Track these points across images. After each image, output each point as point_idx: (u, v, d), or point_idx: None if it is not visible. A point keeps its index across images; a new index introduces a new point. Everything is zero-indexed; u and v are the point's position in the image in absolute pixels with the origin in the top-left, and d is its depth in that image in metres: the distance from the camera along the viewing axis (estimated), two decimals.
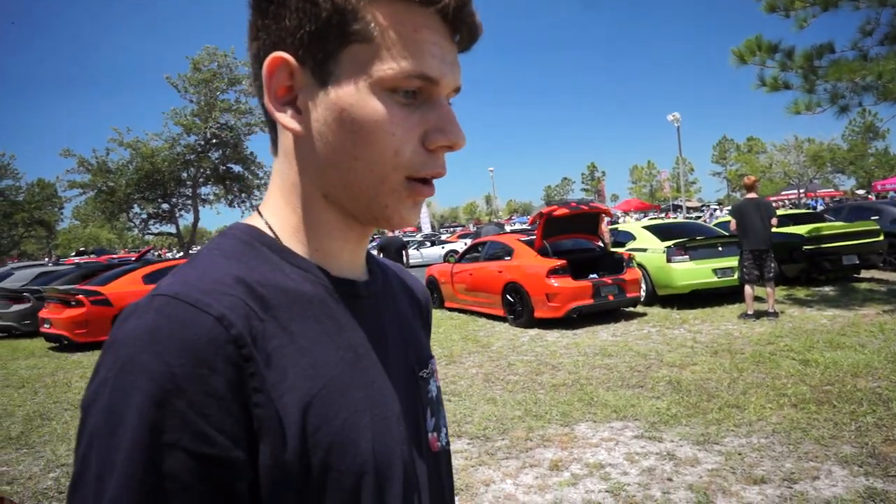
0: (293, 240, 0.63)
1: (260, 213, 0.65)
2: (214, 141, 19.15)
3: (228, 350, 0.51)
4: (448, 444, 0.76)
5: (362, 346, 0.63)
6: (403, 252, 11.67)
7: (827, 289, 9.93)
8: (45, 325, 10.18)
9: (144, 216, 20.38)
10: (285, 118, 0.59)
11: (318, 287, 0.61)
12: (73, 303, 9.91)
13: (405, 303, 0.79)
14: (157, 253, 36.51)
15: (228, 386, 0.50)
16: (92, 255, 33.78)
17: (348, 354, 0.60)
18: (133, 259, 16.27)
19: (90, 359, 8.91)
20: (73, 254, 43.07)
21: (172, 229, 20.88)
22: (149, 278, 10.72)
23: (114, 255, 32.65)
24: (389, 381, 0.65)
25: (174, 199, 20.08)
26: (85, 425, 0.50)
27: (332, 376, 0.58)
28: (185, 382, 0.48)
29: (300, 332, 0.57)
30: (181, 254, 22.60)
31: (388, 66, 0.56)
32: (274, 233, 0.63)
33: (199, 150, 19.15)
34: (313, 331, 0.58)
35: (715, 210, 38.64)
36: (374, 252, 11.24)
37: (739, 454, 3.76)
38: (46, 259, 32.48)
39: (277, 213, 0.64)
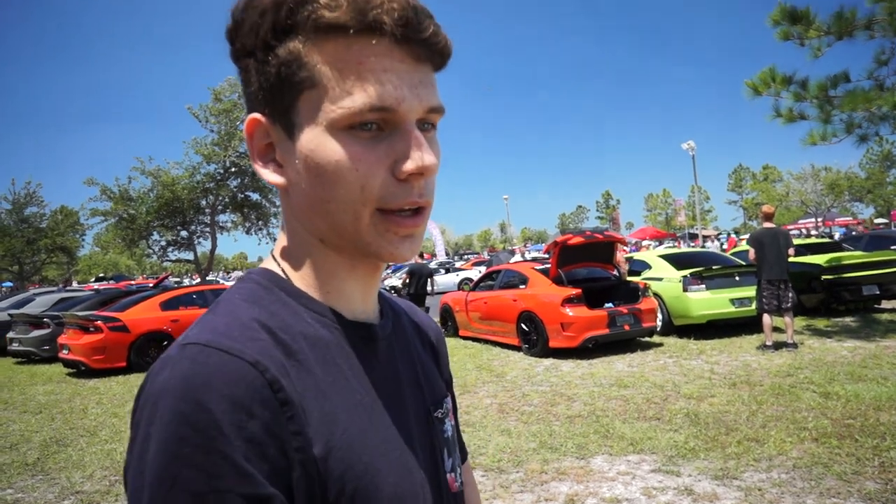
0: (305, 283, 0.64)
1: (274, 257, 0.67)
2: (233, 169, 19.44)
3: (265, 394, 0.52)
4: (462, 484, 0.76)
5: (379, 389, 0.64)
6: (430, 279, 11.69)
7: (847, 319, 9.76)
8: (64, 351, 10.30)
9: (163, 243, 20.65)
10: (268, 174, 0.62)
11: (334, 332, 0.62)
12: (92, 329, 10.03)
13: (417, 341, 0.79)
14: (175, 280, 36.90)
15: (266, 430, 0.51)
16: (111, 281, 34.21)
17: (366, 399, 0.61)
18: (151, 286, 16.47)
19: (106, 385, 8.97)
20: (93, 279, 43.67)
21: (190, 256, 21.12)
22: (166, 305, 10.84)
23: (132, 282, 33.09)
24: (407, 424, 0.65)
25: (193, 227, 20.35)
26: (136, 482, 0.50)
27: (352, 421, 0.58)
28: (228, 429, 0.49)
29: (321, 377, 0.58)
30: (198, 280, 22.82)
31: (338, 106, 0.56)
32: (288, 277, 0.64)
33: (219, 178, 19.45)
34: (332, 376, 0.59)
35: (726, 238, 38.32)
36: (405, 277, 11.16)
37: (759, 490, 3.68)
38: (60, 285, 32.84)
39: (287, 259, 0.66)
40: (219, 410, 0.49)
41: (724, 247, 26.76)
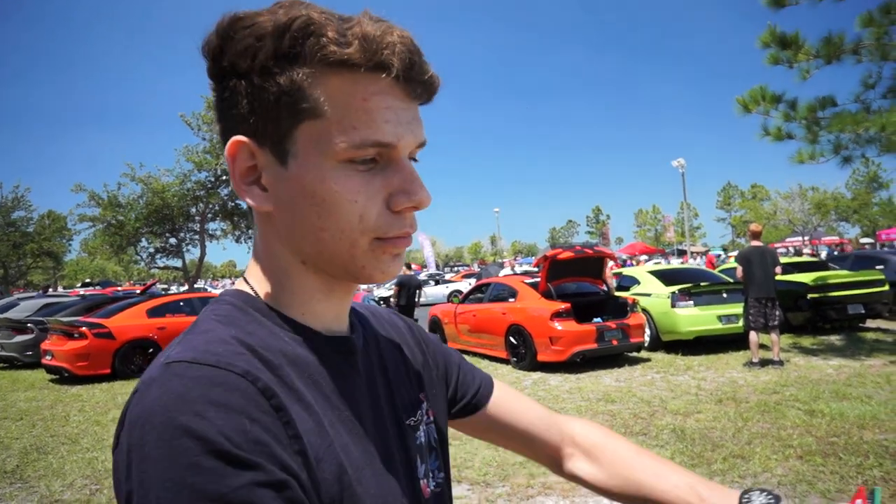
0: (279, 305, 0.64)
1: (246, 279, 0.67)
2: (224, 178, 19.42)
3: (259, 401, 0.51)
4: (439, 486, 0.76)
5: (358, 403, 0.64)
6: (418, 291, 11.71)
7: (833, 338, 9.85)
8: (47, 357, 10.16)
9: (152, 250, 20.55)
10: (251, 198, 0.62)
11: (309, 349, 0.62)
12: (76, 335, 9.91)
13: (388, 346, 0.78)
14: (162, 287, 36.57)
15: (268, 432, 0.50)
16: (97, 287, 33.88)
17: (344, 413, 0.62)
18: (138, 292, 16.32)
19: (89, 392, 8.86)
20: (79, 285, 43.23)
21: (178, 263, 21.00)
22: (153, 312, 10.74)
23: (118, 287, 32.78)
24: (385, 436, 0.67)
25: (182, 234, 20.28)
26: (136, 497, 0.47)
27: (336, 436, 0.59)
28: (234, 434, 0.48)
29: (303, 392, 0.58)
30: (185, 287, 22.66)
31: (342, 139, 0.57)
32: (262, 298, 0.64)
33: (209, 186, 19.43)
34: (311, 392, 0.59)
35: (720, 255, 38.60)
36: (393, 288, 11.15)
37: None
38: (41, 290, 32.38)
39: (261, 281, 0.65)
40: (218, 418, 0.48)
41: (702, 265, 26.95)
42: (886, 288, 10.43)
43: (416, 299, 11.66)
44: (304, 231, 0.60)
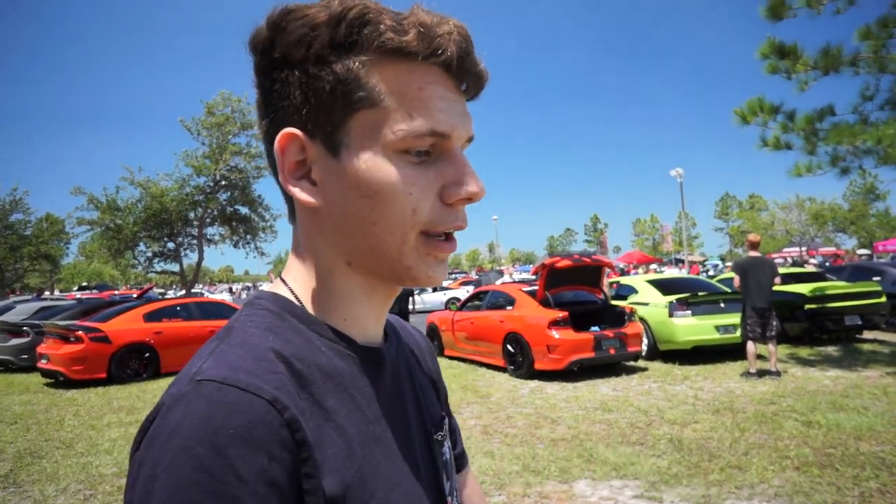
0: (320, 309, 0.62)
1: (284, 280, 0.65)
2: (223, 183, 19.45)
3: (283, 435, 0.50)
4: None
5: (389, 418, 0.63)
6: (411, 298, 11.71)
7: (830, 349, 9.85)
8: (43, 361, 10.12)
9: (149, 254, 20.51)
10: (300, 193, 0.60)
11: (347, 360, 0.61)
12: (72, 339, 9.87)
13: (414, 360, 0.78)
14: (159, 291, 36.50)
15: (285, 473, 0.49)
16: (94, 291, 33.80)
17: (377, 429, 0.60)
18: (134, 296, 16.29)
19: (85, 396, 8.82)
20: (76, 288, 43.12)
21: (176, 268, 20.97)
22: (150, 316, 10.71)
23: (115, 291, 32.68)
24: (414, 452, 0.65)
25: (180, 239, 20.25)
26: None
27: (365, 455, 0.57)
28: (247, 474, 0.46)
29: (334, 409, 0.57)
30: (183, 292, 22.61)
31: (398, 128, 0.56)
32: (300, 302, 0.62)
33: (208, 191, 19.43)
34: (347, 408, 0.58)
35: (717, 265, 38.66)
36: None
37: None
38: (35, 294, 32.18)
39: (301, 283, 0.64)
40: (237, 455, 0.46)
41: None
42: (883, 299, 10.45)
43: (410, 307, 11.66)
44: (354, 226, 0.59)
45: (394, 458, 0.61)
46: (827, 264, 25.41)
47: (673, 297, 9.52)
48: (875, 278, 11.95)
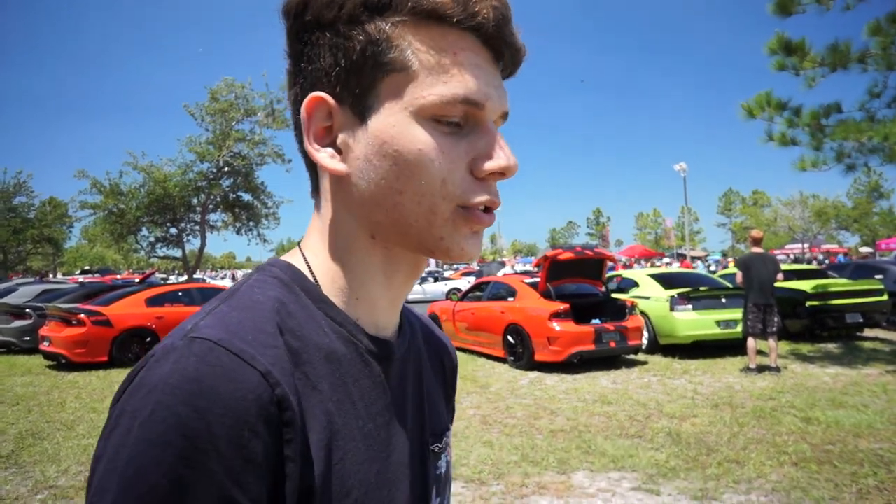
0: (333, 287, 0.60)
1: (302, 252, 0.62)
2: (227, 169, 19.40)
3: (271, 412, 0.47)
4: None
5: (383, 415, 0.59)
6: None
7: (830, 346, 9.86)
8: (45, 343, 10.16)
9: (152, 239, 20.51)
10: (326, 159, 0.57)
11: (350, 346, 0.58)
12: (74, 322, 9.91)
13: (429, 365, 0.73)
14: (161, 277, 36.57)
15: (266, 452, 0.46)
16: (96, 275, 33.89)
17: (368, 425, 0.57)
18: (136, 281, 16.32)
19: (86, 379, 8.86)
20: (78, 272, 43.23)
21: (178, 253, 20.99)
22: (152, 301, 10.74)
23: (117, 276, 32.77)
24: (403, 458, 0.61)
25: (182, 224, 20.24)
26: (100, 476, 0.44)
27: (349, 450, 0.54)
28: (225, 445, 0.44)
29: (328, 394, 0.54)
30: (185, 278, 22.66)
31: (429, 93, 0.53)
32: (314, 276, 0.60)
33: (211, 177, 19.39)
34: (339, 396, 0.55)
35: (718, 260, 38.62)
36: None
37: None
38: (38, 277, 32.16)
39: (319, 255, 0.61)
40: (218, 423, 0.44)
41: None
42: (885, 298, 10.44)
43: None
44: (381, 195, 0.56)
45: (379, 460, 0.58)
46: (826, 262, 25.37)
47: (674, 292, 9.53)
48: (877, 276, 11.93)
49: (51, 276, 39.07)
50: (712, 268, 31.69)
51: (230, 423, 0.44)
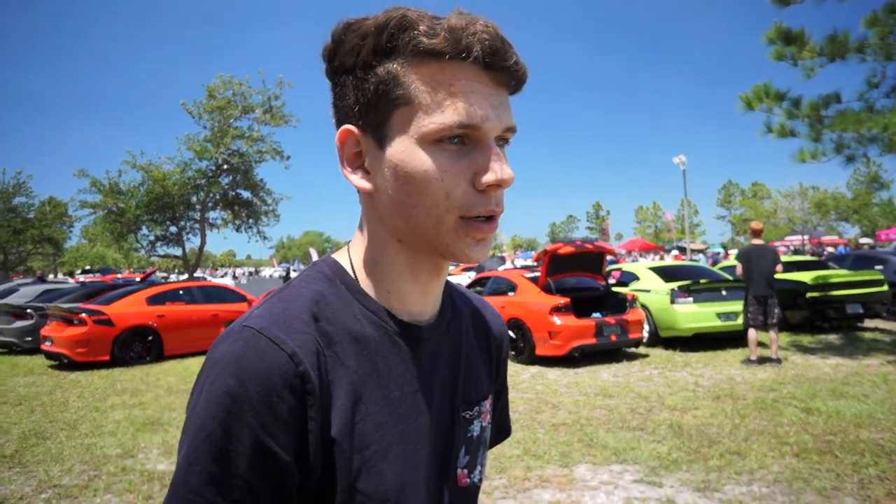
0: (368, 281, 0.72)
1: (348, 251, 0.76)
2: (225, 167, 19.36)
3: (295, 383, 0.62)
4: (480, 480, 0.82)
5: (409, 386, 0.71)
6: None
7: (831, 337, 9.87)
8: (47, 343, 10.18)
9: (152, 238, 20.50)
10: (356, 180, 0.70)
11: (380, 330, 0.70)
12: (76, 321, 9.92)
13: (473, 342, 0.84)
14: (162, 276, 36.57)
15: (290, 412, 0.61)
16: (97, 275, 33.88)
17: (394, 393, 0.69)
18: (137, 280, 16.31)
19: (88, 378, 8.88)
20: (79, 272, 43.22)
21: (178, 252, 20.98)
22: (153, 300, 10.75)
23: (118, 275, 32.74)
24: (427, 421, 0.72)
25: (182, 223, 20.23)
26: (186, 425, 0.63)
27: (371, 412, 0.67)
28: (258, 405, 0.60)
29: (353, 368, 0.67)
30: (186, 276, 22.66)
31: (430, 122, 0.63)
32: (354, 272, 0.73)
33: (210, 175, 19.37)
34: (365, 369, 0.68)
35: (718, 253, 38.58)
36: None
37: (740, 503, 3.70)
38: (36, 277, 32.03)
39: (358, 255, 0.74)
40: (254, 390, 0.60)
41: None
42: (885, 288, 10.44)
43: None
44: (398, 209, 0.67)
45: (401, 421, 0.69)
46: (824, 254, 25.34)
47: (675, 285, 9.53)
48: (877, 267, 11.93)
49: (51, 276, 39.05)
50: (711, 259, 31.62)
51: (262, 390, 0.60)
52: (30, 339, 11.75)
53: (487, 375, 0.86)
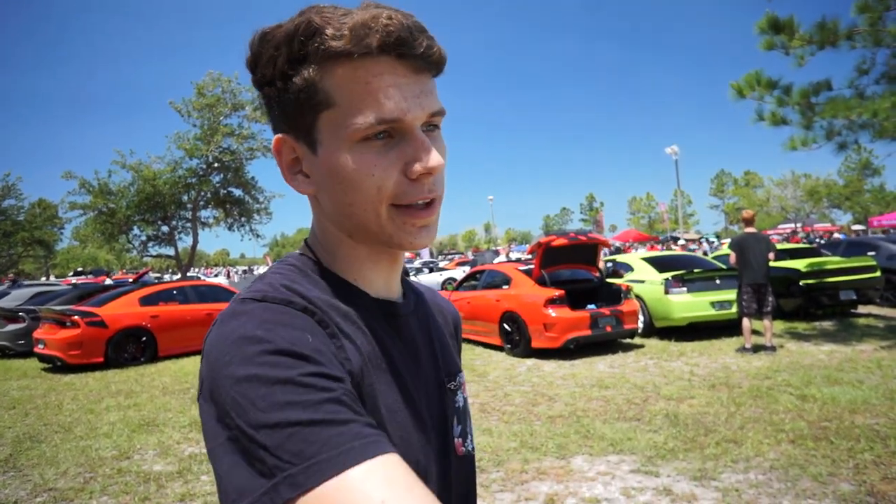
0: (336, 268, 0.73)
1: (309, 245, 0.76)
2: (216, 165, 19.26)
3: (317, 329, 0.62)
4: (473, 449, 0.84)
5: (399, 360, 0.71)
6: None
7: (825, 324, 9.92)
8: (39, 346, 10.10)
9: (144, 238, 20.38)
10: (297, 185, 0.71)
11: (360, 308, 0.71)
12: (69, 324, 9.84)
13: (437, 322, 0.87)
14: (155, 276, 36.40)
15: (325, 345, 0.60)
16: (89, 276, 33.68)
17: (387, 366, 0.69)
18: (130, 280, 16.22)
19: (83, 380, 8.83)
20: (71, 274, 42.96)
21: (171, 251, 20.87)
22: (146, 300, 10.69)
23: (109, 276, 32.53)
24: (419, 393, 0.73)
25: (174, 222, 20.11)
26: (224, 397, 0.55)
27: (377, 378, 0.67)
28: (295, 341, 0.57)
29: (352, 337, 0.66)
30: (178, 276, 22.56)
31: (352, 122, 0.63)
32: (321, 262, 0.74)
33: (201, 173, 19.26)
34: (359, 339, 0.67)
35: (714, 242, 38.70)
36: None
37: (737, 490, 3.71)
38: (9, 281, 31.65)
39: (319, 249, 0.75)
40: (285, 332, 0.58)
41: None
42: (878, 274, 10.49)
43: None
44: (340, 208, 0.69)
45: (400, 391, 0.69)
46: (817, 241, 25.43)
47: (669, 275, 9.54)
48: (870, 253, 11.98)
49: (42, 278, 38.77)
50: (705, 248, 31.72)
51: (293, 332, 0.58)
52: (22, 342, 11.67)
53: (455, 353, 0.90)
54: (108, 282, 20.90)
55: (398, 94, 0.64)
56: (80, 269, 46.65)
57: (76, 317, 9.87)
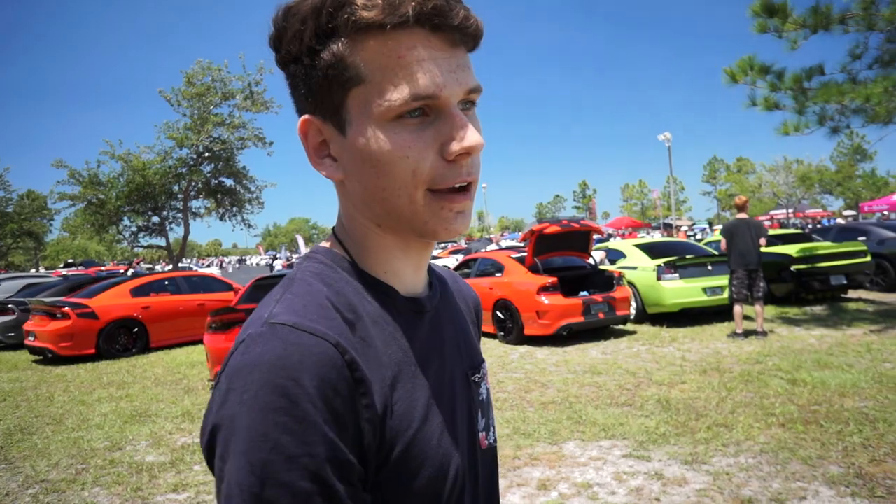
0: (365, 264, 0.70)
1: (337, 237, 0.72)
2: (207, 154, 19.08)
3: (345, 374, 0.57)
4: (495, 441, 0.82)
5: (427, 358, 0.69)
6: None
7: (816, 308, 9.98)
8: (30, 338, 10.05)
9: (134, 229, 20.23)
10: (325, 169, 0.67)
11: (389, 308, 0.68)
12: (59, 315, 9.78)
13: (460, 310, 0.85)
14: (146, 267, 36.21)
15: (345, 405, 0.56)
16: (80, 267, 33.49)
17: (417, 369, 0.67)
18: (123, 271, 16.13)
19: (74, 372, 8.79)
20: (62, 265, 42.71)
21: (162, 242, 20.74)
22: (137, 291, 10.63)
23: (101, 268, 32.39)
24: (449, 390, 0.71)
25: (165, 212, 19.95)
26: (224, 442, 0.54)
27: (405, 390, 0.64)
28: (318, 401, 0.54)
29: (381, 349, 0.64)
30: (170, 267, 22.45)
31: (385, 99, 0.59)
32: (350, 256, 0.70)
33: (191, 163, 19.09)
34: (391, 349, 0.65)
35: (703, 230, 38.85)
36: None
37: (727, 474, 3.74)
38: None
39: (347, 240, 0.71)
40: (311, 386, 0.54)
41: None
42: (868, 259, 10.55)
43: None
44: (370, 193, 0.65)
45: (431, 395, 0.67)
46: (809, 227, 25.53)
47: (661, 261, 9.56)
48: (861, 238, 12.05)
49: (32, 270, 38.50)
50: (698, 236, 31.85)
51: (319, 385, 0.55)
52: (12, 334, 11.61)
53: (477, 340, 0.88)
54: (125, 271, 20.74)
55: (434, 69, 0.60)
56: (70, 260, 46.36)
57: (66, 308, 9.81)
